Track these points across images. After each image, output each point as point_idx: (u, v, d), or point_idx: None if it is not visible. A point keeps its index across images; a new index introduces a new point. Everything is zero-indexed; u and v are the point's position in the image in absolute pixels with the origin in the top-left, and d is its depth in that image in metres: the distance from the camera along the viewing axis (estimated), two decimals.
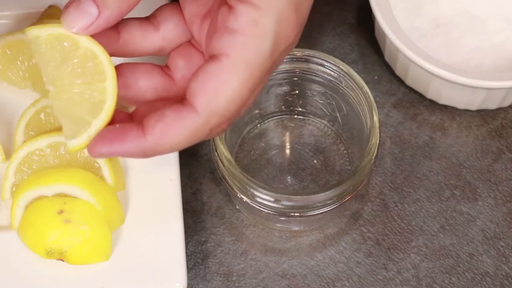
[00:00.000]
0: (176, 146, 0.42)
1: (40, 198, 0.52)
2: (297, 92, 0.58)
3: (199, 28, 0.45)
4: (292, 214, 0.52)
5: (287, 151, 0.60)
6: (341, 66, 0.55)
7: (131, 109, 0.51)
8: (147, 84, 0.45)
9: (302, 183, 0.59)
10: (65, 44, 0.42)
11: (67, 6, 0.42)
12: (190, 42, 0.46)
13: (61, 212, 0.51)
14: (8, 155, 0.56)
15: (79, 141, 0.42)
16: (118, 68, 0.44)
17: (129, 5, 0.41)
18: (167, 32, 0.45)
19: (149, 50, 0.45)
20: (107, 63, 0.42)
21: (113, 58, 0.43)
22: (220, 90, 0.41)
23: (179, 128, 0.41)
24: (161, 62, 0.46)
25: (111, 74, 0.42)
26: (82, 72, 0.42)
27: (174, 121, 0.41)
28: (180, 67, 0.46)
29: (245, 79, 0.41)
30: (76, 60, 0.42)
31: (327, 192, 0.51)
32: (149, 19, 0.44)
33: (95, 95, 0.42)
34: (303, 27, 0.44)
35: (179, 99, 0.43)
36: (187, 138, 0.42)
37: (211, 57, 0.41)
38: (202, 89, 0.41)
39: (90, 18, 0.41)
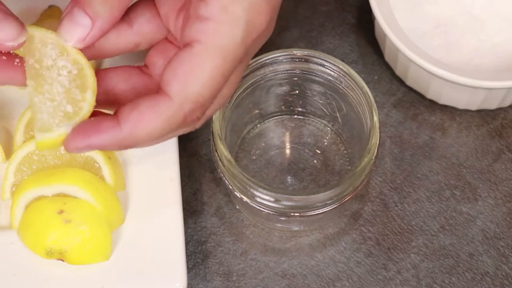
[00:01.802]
0: (152, 134, 0.42)
1: (40, 198, 0.52)
2: (297, 92, 0.58)
3: (175, 22, 0.45)
4: (292, 214, 0.52)
5: (287, 151, 0.60)
6: (341, 66, 0.55)
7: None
8: (126, 86, 0.45)
9: (302, 183, 0.59)
10: (54, 49, 0.42)
11: (61, 20, 0.42)
12: (167, 39, 0.46)
13: (61, 212, 0.51)
14: (8, 155, 0.56)
15: (50, 135, 0.42)
16: (97, 74, 0.44)
17: (120, 10, 0.42)
18: (141, 27, 0.45)
19: (125, 47, 0.46)
20: (90, 74, 0.43)
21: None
22: (192, 74, 0.41)
23: (153, 115, 0.41)
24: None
25: (92, 84, 0.43)
26: (66, 77, 0.43)
27: (147, 108, 0.42)
28: (158, 64, 0.46)
29: (218, 64, 0.41)
30: (62, 64, 0.42)
31: (327, 192, 0.51)
32: (122, 17, 0.45)
33: (74, 101, 0.42)
34: (276, 16, 0.45)
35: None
36: (162, 125, 0.42)
37: (184, 45, 0.42)
38: (174, 75, 0.42)
39: (85, 30, 0.42)
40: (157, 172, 0.55)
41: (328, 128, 0.60)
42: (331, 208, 0.52)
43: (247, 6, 0.42)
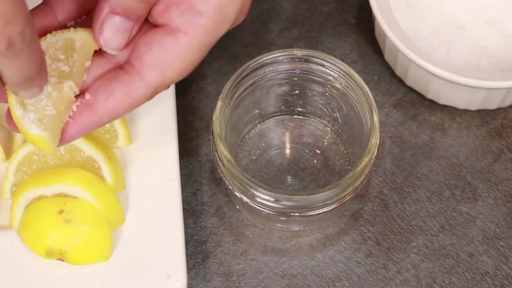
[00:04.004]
0: (124, 114, 0.44)
1: (40, 198, 0.52)
2: (297, 92, 0.58)
3: None
4: (292, 214, 0.52)
5: (287, 151, 0.60)
6: (341, 66, 0.55)
7: None
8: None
9: (302, 183, 0.59)
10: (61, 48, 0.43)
11: (101, 28, 0.42)
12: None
13: (61, 212, 0.51)
14: (8, 155, 0.56)
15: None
16: None
17: (148, 2, 0.43)
18: (64, 12, 0.45)
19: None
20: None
21: None
22: (173, 65, 0.43)
23: (130, 101, 0.43)
24: None
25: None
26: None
27: (124, 95, 0.43)
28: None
29: (196, 57, 0.44)
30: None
31: (327, 192, 0.51)
32: (43, 7, 0.45)
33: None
34: None
35: (117, 66, 0.44)
36: (135, 105, 0.44)
37: (164, 28, 0.43)
38: (156, 63, 0.43)
39: (128, 33, 0.43)
40: (157, 172, 0.55)
41: (328, 128, 0.60)
42: (331, 208, 0.52)
43: (239, 8, 0.44)
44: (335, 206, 0.52)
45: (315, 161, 0.60)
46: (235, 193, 0.53)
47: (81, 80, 0.44)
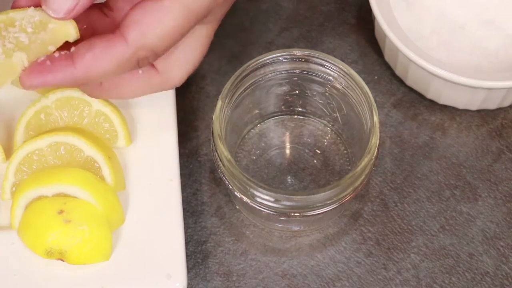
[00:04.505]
0: (105, 75, 0.44)
1: (40, 198, 0.52)
2: (297, 92, 0.58)
3: None
4: (292, 214, 0.52)
5: (287, 151, 0.60)
6: (341, 66, 0.55)
7: None
8: (82, 25, 0.46)
9: (302, 183, 0.59)
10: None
11: None
12: None
13: (61, 212, 0.51)
14: (8, 155, 0.56)
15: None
16: None
17: None
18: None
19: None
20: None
21: None
22: (153, 27, 0.43)
23: (107, 57, 0.43)
24: None
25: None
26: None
27: (103, 51, 0.43)
28: (124, 9, 0.47)
29: (180, 23, 0.43)
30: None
31: (327, 192, 0.51)
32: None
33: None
34: None
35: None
36: (115, 67, 0.43)
37: None
38: (136, 23, 0.43)
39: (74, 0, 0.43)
40: (157, 172, 0.55)
41: (328, 128, 0.60)
42: (331, 208, 0.52)
43: None
44: (335, 206, 0.52)
45: (315, 161, 0.60)
46: (235, 193, 0.53)
47: (33, 59, 0.44)
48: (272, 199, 0.51)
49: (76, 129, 0.55)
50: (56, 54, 0.44)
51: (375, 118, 0.52)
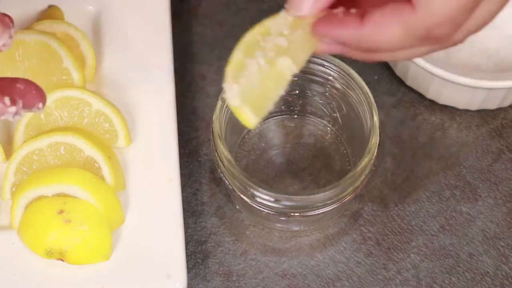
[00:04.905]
0: (392, 41, 0.42)
1: (40, 198, 0.52)
2: (297, 92, 0.58)
3: None
4: (292, 214, 0.52)
5: (287, 151, 0.60)
6: (341, 66, 0.55)
7: None
8: None
9: (302, 183, 0.59)
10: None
11: None
12: None
13: (61, 212, 0.51)
14: (8, 155, 0.56)
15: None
16: None
17: None
18: None
19: None
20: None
21: None
22: None
23: (394, 19, 0.41)
24: None
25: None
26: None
27: (390, 12, 0.41)
28: None
29: None
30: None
31: (327, 192, 0.51)
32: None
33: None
34: None
35: None
36: (401, 33, 0.41)
37: None
38: None
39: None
40: (157, 172, 0.55)
41: (328, 128, 0.60)
42: (331, 208, 0.52)
43: None
44: (335, 206, 0.52)
45: (315, 161, 0.60)
46: (235, 193, 0.53)
47: (300, 60, 0.43)
48: (272, 199, 0.51)
49: (76, 129, 0.55)
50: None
51: (375, 118, 0.52)
